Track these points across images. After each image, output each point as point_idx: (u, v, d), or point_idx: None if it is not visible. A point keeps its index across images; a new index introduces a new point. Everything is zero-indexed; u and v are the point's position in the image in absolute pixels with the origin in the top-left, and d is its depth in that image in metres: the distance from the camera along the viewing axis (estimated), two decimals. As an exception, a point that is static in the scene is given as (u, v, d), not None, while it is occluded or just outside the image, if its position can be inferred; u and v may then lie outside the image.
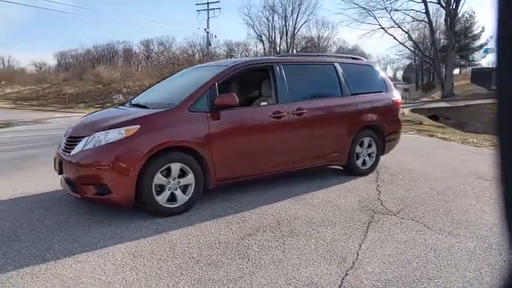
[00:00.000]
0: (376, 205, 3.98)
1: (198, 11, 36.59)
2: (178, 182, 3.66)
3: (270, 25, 68.02)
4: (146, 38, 73.59)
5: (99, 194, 3.39)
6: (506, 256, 0.59)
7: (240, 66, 4.30)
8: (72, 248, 2.98)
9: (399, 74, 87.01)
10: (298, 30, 67.46)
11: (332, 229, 3.34)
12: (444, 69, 34.20)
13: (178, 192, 3.66)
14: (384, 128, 5.34)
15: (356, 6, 33.41)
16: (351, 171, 5.17)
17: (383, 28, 33.86)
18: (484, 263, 2.68)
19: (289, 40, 67.51)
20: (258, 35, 69.41)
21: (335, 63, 5.03)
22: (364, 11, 33.36)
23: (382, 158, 6.28)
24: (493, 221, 3.49)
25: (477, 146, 8.16)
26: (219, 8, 36.45)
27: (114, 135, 3.42)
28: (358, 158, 5.19)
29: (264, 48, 68.93)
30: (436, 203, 4.05)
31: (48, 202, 4.09)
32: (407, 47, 38.74)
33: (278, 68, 4.44)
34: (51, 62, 79.31)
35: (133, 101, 4.51)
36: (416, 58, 48.52)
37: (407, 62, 66.02)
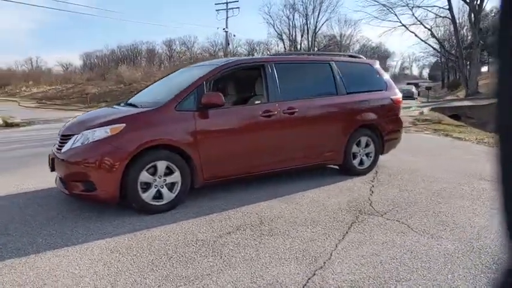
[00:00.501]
0: (364, 205, 3.92)
1: (217, 10, 36.89)
2: (165, 180, 3.72)
3: (291, 24, 67.77)
4: (169, 38, 74.90)
5: (86, 190, 3.50)
6: (504, 254, 0.61)
7: (230, 65, 4.33)
8: (54, 243, 3.08)
9: (425, 72, 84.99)
10: (319, 29, 66.95)
11: (313, 229, 3.32)
12: (469, 67, 33.21)
13: (164, 190, 3.72)
14: (382, 127, 5.25)
15: (376, 3, 32.89)
16: (347, 171, 5.11)
17: (404, 25, 33.21)
18: (460, 266, 2.60)
19: (310, 38, 67.14)
20: (278, 34, 69.30)
21: (331, 62, 4.99)
22: (384, 8, 32.80)
23: (385, 157, 6.21)
24: (482, 223, 3.39)
25: (491, 146, 7.90)
26: (238, 8, 36.63)
27: (100, 133, 3.51)
28: (355, 157, 5.13)
29: (285, 47, 68.83)
30: (427, 204, 3.96)
31: (44, 198, 4.23)
32: (429, 44, 37.82)
33: (269, 67, 4.44)
34: (77, 62, 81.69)
35: (129, 101, 4.60)
36: (442, 56, 47.24)
37: (433, 59, 64.41)
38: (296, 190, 4.47)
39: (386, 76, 5.57)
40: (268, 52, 68.41)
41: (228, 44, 40.40)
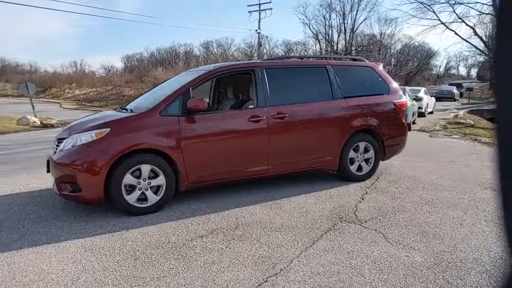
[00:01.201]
0: (347, 213, 3.86)
1: (249, 12, 37.12)
2: (149, 183, 3.85)
3: (327, 23, 66.94)
4: (206, 40, 76.24)
5: (72, 191, 3.69)
6: (507, 259, 0.60)
7: (218, 71, 4.41)
8: (38, 240, 3.29)
9: (474, 72, 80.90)
10: (357, 28, 65.62)
11: (285, 235, 3.33)
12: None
13: (149, 193, 3.86)
14: (382, 132, 5.13)
15: (413, 1, 31.75)
16: (344, 176, 5.04)
17: (443, 23, 31.80)
18: (419, 280, 2.53)
19: (347, 38, 65.99)
20: (314, 34, 68.67)
21: (327, 66, 4.93)
22: (422, 5, 31.59)
23: (394, 162, 6.11)
24: (464, 235, 3.25)
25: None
26: (271, 9, 36.66)
27: (86, 137, 3.70)
28: (352, 163, 5.04)
29: (320, 48, 68.13)
30: (415, 213, 3.84)
31: (45, 198, 4.50)
32: (471, 44, 35.97)
33: (259, 72, 4.47)
34: (119, 65, 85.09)
35: (126, 106, 4.79)
36: (486, 55, 44.80)
37: (482, 58, 61.12)
38: (286, 195, 4.47)
39: (389, 79, 5.42)
40: (305, 52, 67.93)
41: (261, 45, 40.50)
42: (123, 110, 4.49)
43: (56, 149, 4.06)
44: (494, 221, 3.59)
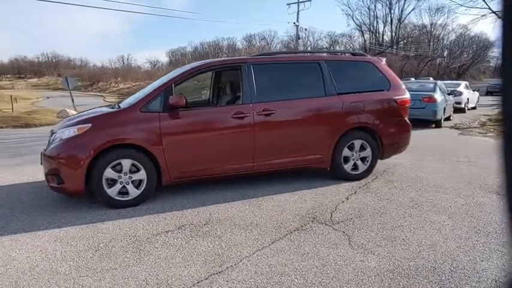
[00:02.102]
0: (324, 213, 3.77)
1: (288, 4, 36.72)
2: (130, 177, 3.98)
3: (372, 14, 64.76)
4: (249, 33, 76.49)
5: (57, 183, 3.90)
6: (509, 256, 0.67)
7: (202, 67, 4.44)
8: (19, 228, 3.52)
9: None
10: (405, 18, 62.91)
11: (249, 233, 3.32)
12: None
13: (130, 187, 3.99)
14: (381, 130, 4.92)
15: (461, -11, 29.83)
16: (338, 175, 4.91)
17: (494, 12, 29.62)
18: (366, 286, 2.43)
19: (394, 29, 63.51)
20: (358, 26, 66.71)
21: (320, 62, 4.80)
22: (471, -6, 29.61)
23: (400, 162, 5.92)
24: (436, 241, 3.07)
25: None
26: (310, 0, 36.04)
27: (69, 132, 3.89)
28: (346, 161, 4.89)
29: (364, 40, 66.10)
30: (395, 216, 3.67)
31: (43, 188, 4.76)
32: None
33: (246, 68, 4.44)
34: (164, 59, 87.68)
35: (121, 103, 4.95)
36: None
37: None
38: (271, 193, 4.44)
39: (391, 75, 5.17)
40: (351, 45, 66.20)
41: (299, 38, 39.96)
42: (117, 107, 4.66)
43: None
44: (480, 227, 3.36)
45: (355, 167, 4.96)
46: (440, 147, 7.64)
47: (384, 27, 65.37)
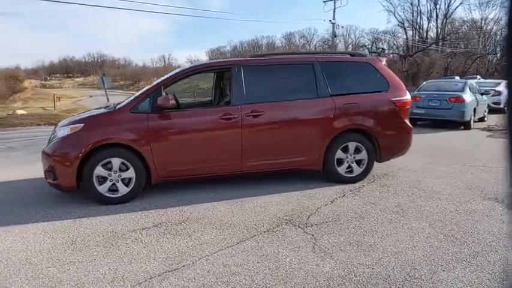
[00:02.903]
0: (301, 216, 3.76)
1: (324, 1, 36.27)
2: (120, 175, 4.17)
3: (415, 10, 62.23)
4: (288, 31, 76.13)
5: (53, 179, 4.16)
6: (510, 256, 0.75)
7: (190, 70, 4.55)
8: (13, 220, 3.80)
9: None
10: (452, 13, 59.93)
11: (220, 232, 3.39)
12: None
13: (119, 184, 4.18)
14: (377, 132, 4.81)
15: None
16: (331, 178, 4.85)
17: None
18: (307, 291, 2.43)
19: (439, 25, 60.71)
20: (400, 22, 64.40)
21: (314, 63, 4.76)
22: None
23: (406, 164, 5.84)
24: (404, 249, 2.99)
25: None
26: (347, -4, 35.37)
27: (64, 131, 4.14)
28: (340, 164, 4.83)
29: (407, 37, 63.71)
30: (373, 221, 3.60)
31: (45, 184, 5.06)
32: None
33: (236, 70, 4.50)
34: (204, 58, 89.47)
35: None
36: None
37: None
38: (259, 193, 4.48)
39: (391, 76, 5.03)
40: (395, 42, 64.05)
41: (335, 36, 39.31)
42: (114, 107, 4.88)
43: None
44: (458, 236, 3.22)
45: (350, 169, 4.88)
46: (459, 150, 7.30)
47: (429, 23, 62.57)
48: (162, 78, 4.56)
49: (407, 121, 5.03)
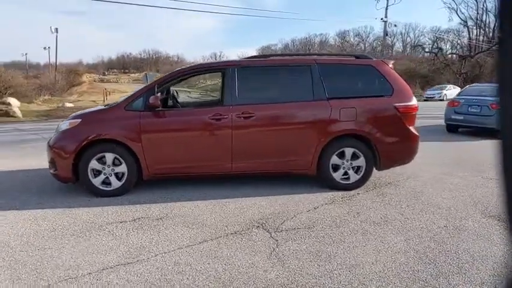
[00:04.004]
0: (276, 220, 3.73)
1: (376, -1, 35.10)
2: (113, 169, 4.39)
3: (480, 6, 58.14)
4: (342, 29, 74.37)
5: (54, 170, 4.46)
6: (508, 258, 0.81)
7: (186, 70, 4.64)
8: (12, 206, 4.14)
9: None
10: (523, 10, 55.24)
11: (189, 231, 3.46)
12: None
13: (112, 178, 4.40)
14: (376, 139, 4.62)
15: None
16: (326, 184, 4.73)
17: None
18: (240, 296, 2.43)
19: (509, 23, 56.12)
20: (463, 20, 60.53)
21: (312, 65, 4.66)
22: None
23: (418, 173, 5.68)
24: (362, 262, 2.87)
25: None
26: (399, -6, 33.98)
27: (64, 126, 4.43)
28: (336, 170, 4.70)
29: (469, 36, 59.77)
30: (344, 231, 3.48)
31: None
32: None
33: (230, 71, 4.53)
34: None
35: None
36: None
37: None
38: (247, 195, 4.49)
39: (396, 80, 4.78)
40: (459, 41, 60.48)
41: (387, 35, 37.86)
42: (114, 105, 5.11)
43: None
44: (432, 255, 3.03)
45: (346, 176, 4.73)
46: (486, 162, 6.75)
47: (496, 20, 58.05)
48: (160, 78, 4.71)
49: (412, 128, 4.77)
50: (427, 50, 58.31)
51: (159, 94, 4.42)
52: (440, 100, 28.66)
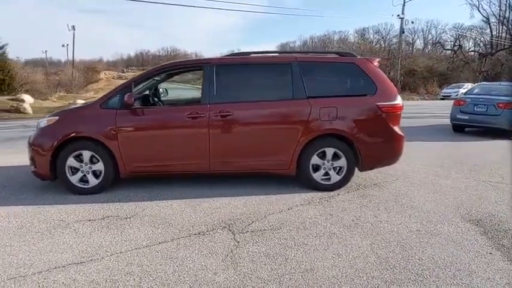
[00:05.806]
0: (244, 221, 3.68)
1: (393, -5, 34.42)
2: (90, 167, 4.40)
3: (503, 2, 56.27)
4: (362, 26, 73.08)
5: (33, 167, 4.51)
6: None
7: (161, 68, 4.64)
8: (-8, 202, 4.19)
9: None
10: (553, 4, 53.21)
11: (152, 231, 3.44)
12: None
13: (90, 176, 4.42)
14: (358, 139, 4.50)
15: None
16: (307, 184, 4.64)
17: None
18: (181, 299, 2.39)
19: (535, 19, 54.30)
20: (485, 17, 58.77)
21: (292, 63, 4.56)
22: None
23: (409, 174, 5.51)
24: (317, 266, 2.79)
25: None
26: (417, -9, 33.22)
27: (43, 123, 4.47)
28: (317, 170, 4.60)
29: (491, 33, 58.01)
30: (310, 234, 3.40)
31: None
32: None
33: (208, 69, 4.48)
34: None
35: None
36: None
37: None
38: (223, 195, 4.44)
39: (381, 78, 4.63)
40: (481, 38, 58.82)
41: (403, 32, 37.12)
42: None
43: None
44: (394, 260, 2.92)
45: (327, 176, 4.63)
46: (485, 163, 6.52)
47: (521, 17, 56.17)
48: (137, 75, 4.70)
49: (396, 128, 4.62)
50: (446, 47, 56.87)
51: (137, 91, 4.41)
52: (457, 99, 27.91)
